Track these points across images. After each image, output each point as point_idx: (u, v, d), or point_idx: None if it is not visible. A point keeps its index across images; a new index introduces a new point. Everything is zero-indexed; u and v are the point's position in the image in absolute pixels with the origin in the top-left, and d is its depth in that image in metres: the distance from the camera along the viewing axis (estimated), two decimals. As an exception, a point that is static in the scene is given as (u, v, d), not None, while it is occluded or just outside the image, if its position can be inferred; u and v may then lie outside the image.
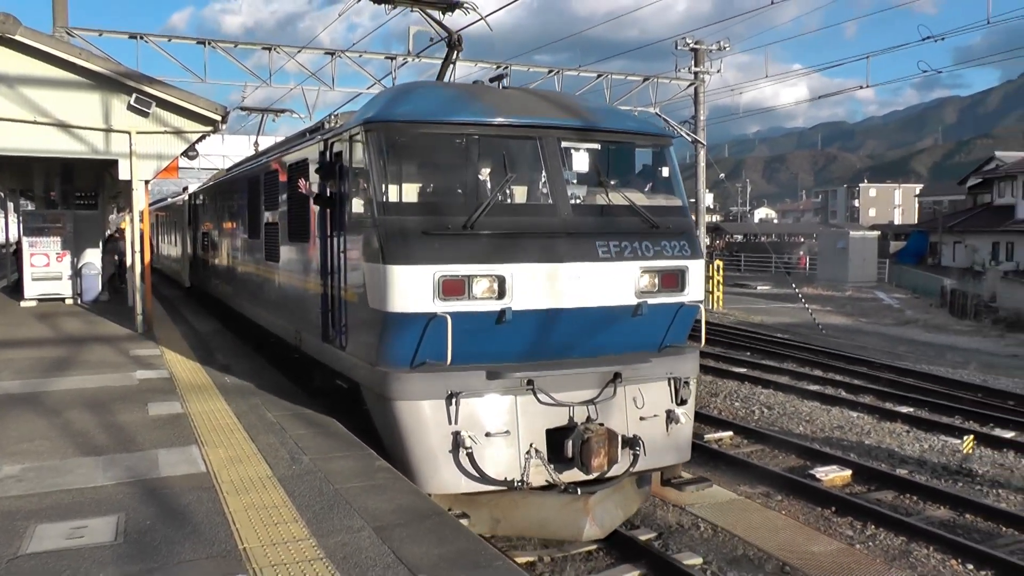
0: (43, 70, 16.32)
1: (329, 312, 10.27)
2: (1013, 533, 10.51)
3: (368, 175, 8.80)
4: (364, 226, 8.94)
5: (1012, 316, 35.99)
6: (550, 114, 9.58)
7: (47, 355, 14.36)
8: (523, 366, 8.68)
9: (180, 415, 10.07)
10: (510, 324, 8.47)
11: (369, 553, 5.91)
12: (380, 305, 8.44)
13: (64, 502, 6.97)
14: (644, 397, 9.27)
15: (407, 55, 24.44)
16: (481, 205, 8.57)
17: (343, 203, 9.66)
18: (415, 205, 8.91)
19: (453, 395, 8.34)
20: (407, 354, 8.55)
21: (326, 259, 10.29)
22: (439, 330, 8.14)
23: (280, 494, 7.20)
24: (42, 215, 23.98)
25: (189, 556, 5.85)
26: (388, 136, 8.87)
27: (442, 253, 8.33)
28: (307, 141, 11.62)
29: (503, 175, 8.97)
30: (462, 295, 8.29)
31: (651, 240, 9.24)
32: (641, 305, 9.08)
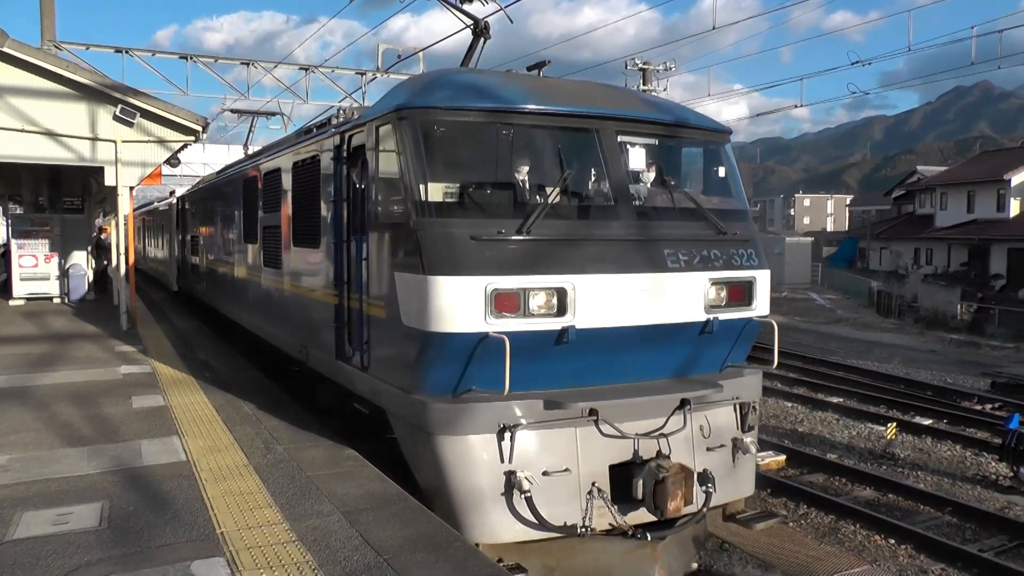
0: (32, 81, 16.06)
1: (345, 327, 8.58)
2: (929, 511, 10.75)
3: (402, 170, 7.13)
4: (396, 229, 7.29)
5: (930, 315, 36.73)
6: (607, 103, 7.95)
7: (34, 351, 14.10)
8: (585, 393, 7.16)
9: (162, 407, 9.95)
10: (571, 346, 6.88)
11: (338, 536, 5.90)
12: (419, 323, 6.78)
13: (50, 490, 6.86)
14: (710, 425, 7.73)
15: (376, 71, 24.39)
16: (537, 205, 7.01)
17: (365, 203, 8.00)
18: (460, 205, 7.10)
19: (506, 428, 6.77)
20: (450, 381, 6.95)
21: (341, 266, 8.59)
22: (490, 353, 6.64)
23: (255, 481, 7.15)
24: (30, 219, 23.58)
25: (170, 540, 5.80)
26: (426, 124, 7.18)
27: (495, 262, 6.72)
28: (316, 136, 9.81)
29: (559, 171, 7.32)
30: (516, 311, 6.71)
31: (719, 248, 7.72)
32: (711, 322, 7.57)
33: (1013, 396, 18.25)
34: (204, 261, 19.07)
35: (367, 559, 5.50)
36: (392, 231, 7.40)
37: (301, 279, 10.44)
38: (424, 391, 7.04)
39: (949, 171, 58.44)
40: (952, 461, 13.24)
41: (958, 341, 30.38)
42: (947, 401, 17.94)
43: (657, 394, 7.39)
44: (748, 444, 7.97)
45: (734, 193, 8.52)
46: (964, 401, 18.04)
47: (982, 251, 45.91)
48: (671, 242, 7.43)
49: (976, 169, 52.22)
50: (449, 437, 6.84)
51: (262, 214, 12.53)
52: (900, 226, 59.40)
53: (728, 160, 8.54)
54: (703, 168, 8.79)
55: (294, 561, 5.45)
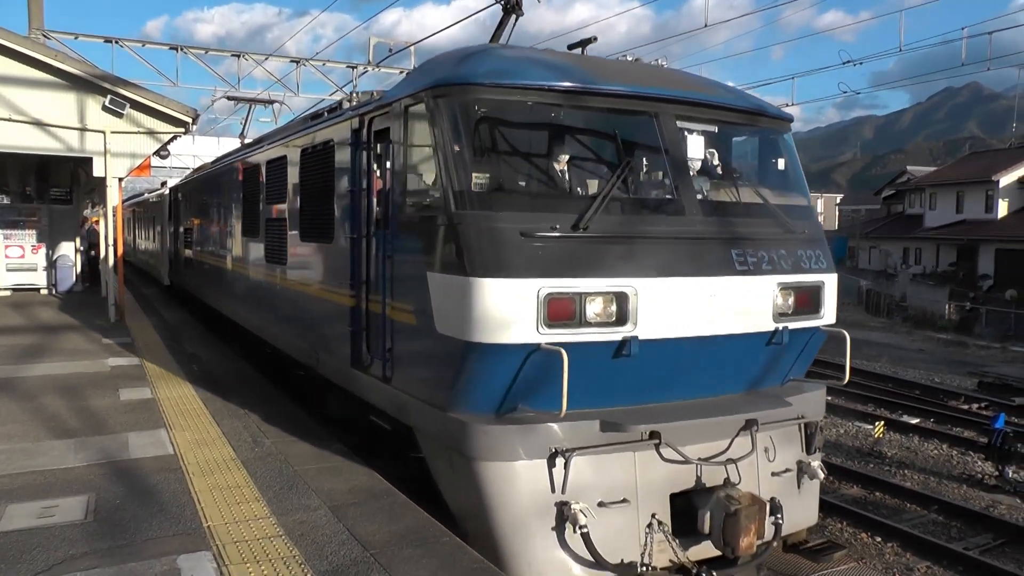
0: (19, 70, 15.94)
1: (363, 332, 7.74)
2: (916, 509, 10.80)
3: (439, 155, 6.26)
4: (430, 223, 6.40)
5: (919, 314, 36.94)
6: (664, 84, 7.02)
7: (20, 343, 14.00)
8: (643, 413, 6.33)
9: (149, 400, 9.91)
10: (630, 359, 6.04)
11: (325, 531, 5.88)
12: (458, 332, 5.89)
13: (36, 483, 6.82)
14: (775, 447, 6.97)
15: (367, 64, 24.31)
16: (593, 198, 6.20)
17: (390, 193, 7.13)
18: (506, 196, 6.23)
19: (558, 453, 5.96)
20: (493, 398, 6.12)
21: (359, 264, 7.74)
22: (541, 368, 5.84)
23: (243, 475, 7.12)
24: (17, 209, 23.42)
25: (156, 533, 5.77)
26: (468, 103, 6.28)
27: (548, 262, 5.84)
28: (330, 120, 8.89)
29: (616, 159, 6.61)
30: (571, 320, 5.85)
31: (787, 248, 6.88)
32: (779, 332, 6.77)
33: (999, 396, 18.39)
34: (199, 255, 18.07)
35: (354, 554, 5.48)
36: (424, 225, 6.51)
37: (310, 277, 9.52)
38: (462, 409, 6.19)
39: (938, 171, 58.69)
40: (939, 460, 13.32)
41: (946, 340, 30.56)
42: (934, 400, 18.04)
43: (723, 413, 6.56)
44: (815, 468, 7.21)
45: (797, 186, 7.68)
46: (951, 400, 18.15)
47: (970, 251, 46.16)
48: (738, 241, 6.59)
49: (965, 170, 52.46)
50: (492, 463, 5.96)
51: (265, 206, 11.60)
52: (889, 225, 59.66)
53: (790, 150, 7.69)
54: (764, 158, 7.94)
55: (281, 556, 5.43)
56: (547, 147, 6.73)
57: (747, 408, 6.68)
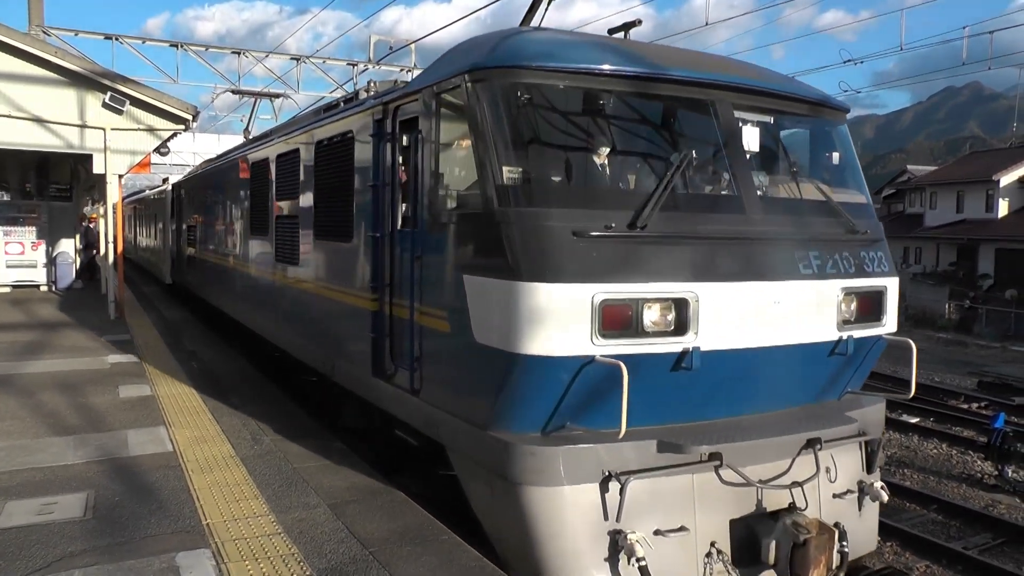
0: (19, 67, 15.93)
1: (386, 338, 7.19)
2: (915, 508, 10.80)
3: (479, 145, 5.67)
4: (468, 221, 5.91)
5: (919, 314, 36.94)
6: (721, 70, 6.48)
7: (20, 339, 14.01)
8: (701, 431, 5.77)
9: (149, 397, 9.91)
10: (691, 373, 5.53)
11: (324, 528, 5.89)
12: (502, 342, 5.34)
13: (35, 479, 6.82)
14: (836, 466, 6.42)
15: (368, 62, 24.31)
16: (650, 193, 5.58)
17: (419, 188, 6.54)
18: (554, 191, 5.70)
19: (612, 477, 5.42)
20: (540, 415, 5.54)
21: (382, 265, 7.20)
22: (594, 382, 5.36)
23: (242, 472, 7.12)
24: (17, 205, 23.42)
25: (155, 531, 5.77)
26: (511, 88, 5.67)
27: (603, 265, 5.32)
28: (348, 110, 8.36)
29: (673, 151, 6.01)
30: (627, 329, 5.34)
31: (850, 250, 6.38)
32: (843, 341, 6.26)
33: (999, 395, 18.39)
34: (203, 254, 17.44)
35: (353, 552, 5.48)
36: (461, 224, 5.99)
37: (326, 278, 8.94)
38: (504, 427, 5.61)
39: (939, 171, 58.66)
40: (938, 459, 13.32)
41: (945, 340, 30.56)
42: (934, 399, 18.03)
43: (786, 432, 5.99)
44: (878, 489, 6.64)
45: (856, 182, 7.15)
46: (951, 400, 18.15)
47: (970, 251, 46.13)
48: (801, 242, 6.07)
49: (966, 169, 52.45)
50: (540, 488, 5.39)
51: (276, 202, 11.01)
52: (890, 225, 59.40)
53: (848, 143, 7.17)
54: (822, 151, 7.34)
55: (279, 553, 5.43)
56: (596, 137, 6.09)
57: (810, 425, 6.12)
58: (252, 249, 12.54)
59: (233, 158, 14.59)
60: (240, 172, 13.52)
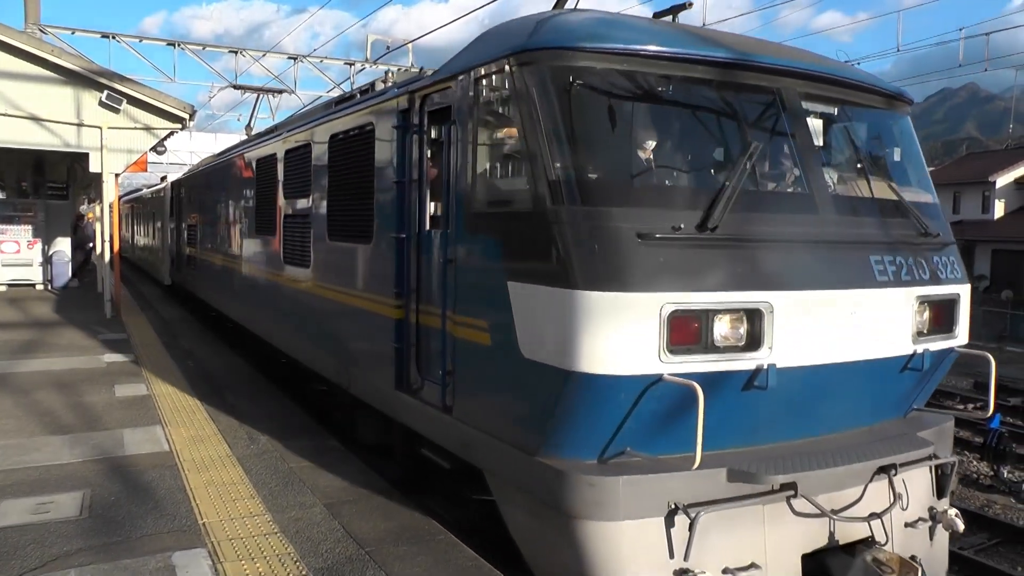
0: (15, 65, 15.91)
1: (412, 348, 6.68)
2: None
3: (529, 137, 5.10)
4: (514, 221, 5.29)
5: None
6: (784, 55, 5.85)
7: (15, 338, 13.98)
8: (773, 456, 5.17)
9: (145, 396, 9.90)
10: (764, 392, 4.97)
11: (320, 528, 5.89)
12: (556, 358, 4.76)
13: (30, 479, 6.81)
14: (907, 492, 5.81)
15: (365, 62, 24.30)
16: (719, 190, 5.00)
17: (454, 184, 5.91)
18: (615, 188, 5.07)
19: (679, 510, 4.81)
20: (598, 441, 4.97)
21: (407, 269, 6.68)
22: (659, 405, 4.81)
23: (238, 472, 7.12)
24: (13, 203, 23.39)
25: (151, 530, 5.77)
26: (564, 72, 5.09)
27: (671, 271, 4.76)
28: (368, 100, 7.75)
29: (740, 144, 5.42)
30: (696, 344, 4.79)
31: (923, 255, 5.79)
32: (917, 355, 5.70)
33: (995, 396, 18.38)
34: (205, 254, 16.73)
35: (349, 551, 5.48)
36: (506, 224, 5.37)
37: (342, 283, 8.27)
38: (556, 453, 5.02)
39: (935, 172, 58.63)
40: (933, 460, 13.33)
41: (941, 341, 30.56)
42: (930, 400, 18.00)
43: (863, 457, 5.34)
44: (952, 518, 5.98)
45: (922, 180, 6.52)
46: (947, 400, 18.16)
47: (967, 252, 46.21)
48: (876, 245, 5.51)
49: (962, 170, 52.56)
50: (598, 523, 4.81)
51: (284, 200, 10.37)
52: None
53: (912, 136, 6.59)
54: (887, 145, 6.70)
55: (276, 552, 5.43)
56: (657, 127, 5.53)
57: (886, 449, 5.50)
58: (257, 250, 11.99)
59: (237, 154, 13.99)
60: (245, 169, 12.96)
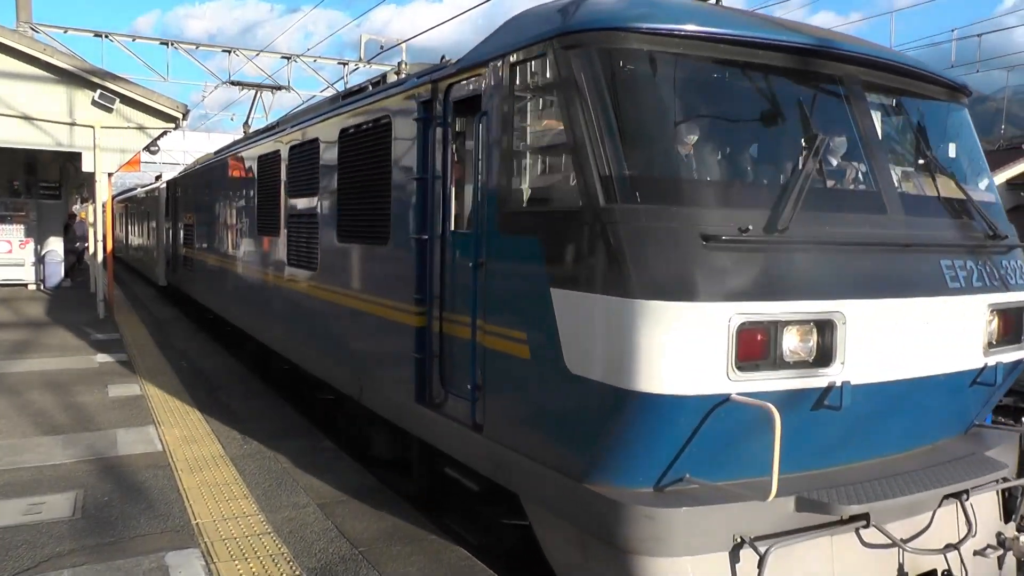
0: (7, 64, 15.86)
1: (434, 359, 6.20)
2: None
3: (577, 128, 4.59)
4: (559, 220, 4.78)
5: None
6: (844, 40, 5.34)
7: (7, 338, 13.94)
8: (840, 481, 4.68)
9: (138, 396, 9.88)
10: (834, 412, 4.49)
11: (314, 528, 5.89)
12: (611, 375, 4.28)
13: (23, 479, 6.80)
14: (975, 518, 5.21)
15: (359, 61, 24.29)
16: (790, 186, 4.53)
17: (484, 180, 5.43)
18: (678, 183, 4.53)
19: (745, 544, 4.33)
20: (655, 467, 4.46)
21: (429, 273, 6.20)
22: (725, 427, 4.32)
23: (232, 472, 7.12)
24: (4, 203, 23.29)
25: (145, 530, 5.76)
26: (616, 55, 4.63)
27: (739, 278, 4.27)
28: (383, 91, 7.34)
29: (804, 136, 4.88)
30: (764, 359, 4.32)
31: (991, 259, 5.31)
32: (988, 368, 5.23)
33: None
34: (202, 255, 16.25)
35: (342, 551, 5.49)
36: (549, 224, 4.86)
37: (353, 287, 7.79)
38: (607, 480, 4.51)
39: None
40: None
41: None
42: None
43: (938, 483, 4.81)
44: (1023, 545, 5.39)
45: (984, 177, 6.12)
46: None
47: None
48: (947, 249, 5.03)
49: (954, 171, 52.77)
50: (656, 560, 4.29)
51: (289, 200, 9.79)
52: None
53: (972, 130, 6.17)
54: (947, 140, 6.18)
55: (269, 553, 5.44)
56: (716, 117, 5.09)
57: (960, 473, 4.99)
58: (259, 251, 11.49)
59: (237, 152, 13.39)
60: (245, 167, 12.41)
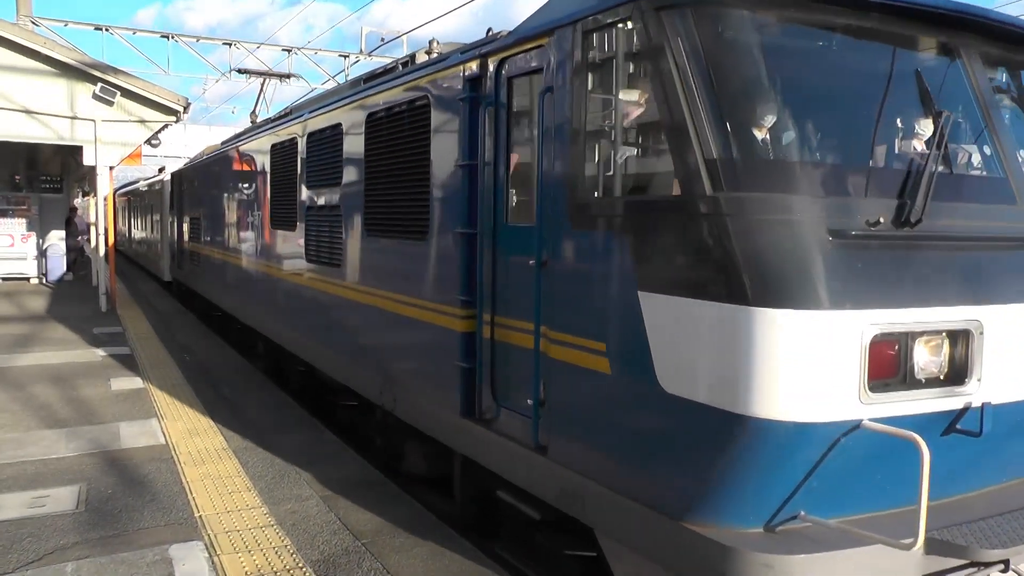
0: (7, 58, 15.83)
1: (486, 369, 5.53)
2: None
3: (674, 101, 3.88)
4: (652, 211, 4.15)
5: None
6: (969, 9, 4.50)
7: (10, 332, 13.96)
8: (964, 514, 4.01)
9: (141, 390, 9.90)
10: (968, 438, 3.91)
11: (317, 520, 5.91)
12: (720, 398, 3.65)
13: (27, 472, 6.82)
14: None
15: (359, 54, 24.26)
16: (922, 172, 3.86)
17: (549, 166, 4.76)
18: (799, 169, 3.85)
19: None
20: (769, 503, 3.78)
21: (478, 271, 5.54)
22: (851, 457, 3.68)
23: (234, 464, 7.14)
24: (6, 197, 23.30)
25: (148, 523, 5.78)
26: (719, 18, 3.97)
27: (872, 282, 3.68)
28: (420, 70, 6.59)
29: (927, 114, 4.26)
30: (894, 377, 3.71)
31: None
32: None
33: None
34: (209, 250, 15.54)
35: (345, 543, 5.51)
36: (636, 216, 4.20)
37: (384, 286, 7.12)
38: (711, 518, 3.81)
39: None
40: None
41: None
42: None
43: None
44: None
45: None
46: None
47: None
48: None
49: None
50: None
51: (308, 191, 9.13)
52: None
53: None
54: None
55: (272, 545, 5.45)
56: (835, 91, 4.46)
57: None
58: (272, 246, 10.79)
59: (245, 141, 12.62)
60: (258, 156, 11.61)
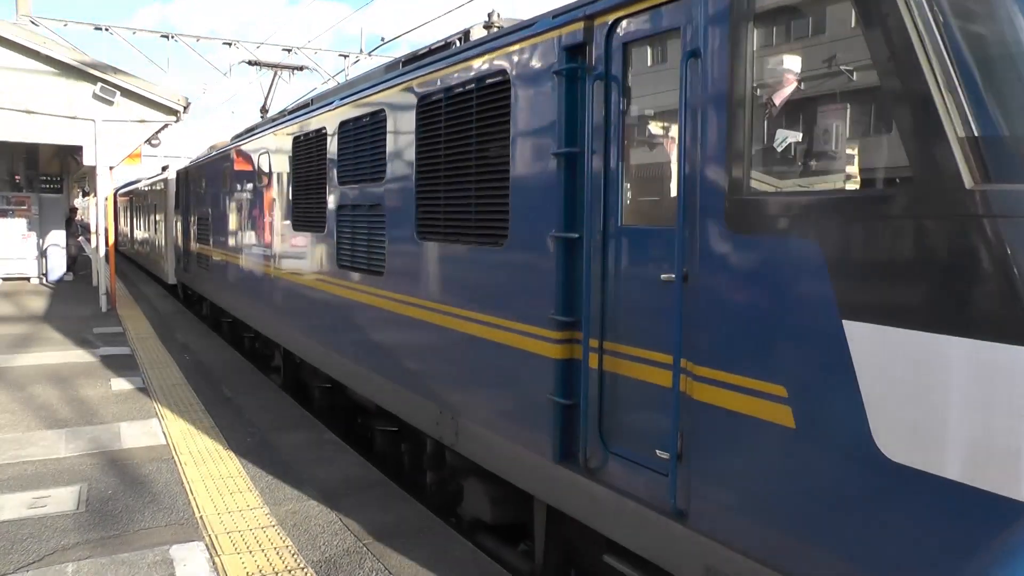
0: (7, 57, 15.85)
1: (594, 405, 4.53)
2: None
3: (911, 67, 2.93)
4: (867, 213, 3.15)
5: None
6: None
7: (10, 332, 13.95)
8: None
9: (142, 390, 9.89)
10: None
11: (318, 520, 5.90)
12: (990, 478, 2.68)
13: (27, 473, 6.81)
14: None
15: (359, 53, 24.26)
16: None
17: (696, 154, 3.81)
18: None
19: None
20: None
21: (585, 286, 4.54)
22: None
23: (235, 465, 7.13)
24: (6, 197, 23.29)
25: (149, 524, 5.77)
26: None
27: None
28: (495, 40, 5.55)
29: None
30: None
31: None
32: None
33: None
34: (220, 252, 14.43)
35: (346, 543, 5.50)
36: (844, 216, 3.25)
37: (442, 299, 6.11)
38: None
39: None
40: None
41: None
42: None
43: None
44: None
45: None
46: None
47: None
48: None
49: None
50: None
51: (340, 188, 8.11)
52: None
53: None
54: None
55: (273, 545, 5.44)
56: None
57: None
58: (293, 249, 9.86)
59: (264, 134, 11.51)
60: (277, 150, 10.63)
